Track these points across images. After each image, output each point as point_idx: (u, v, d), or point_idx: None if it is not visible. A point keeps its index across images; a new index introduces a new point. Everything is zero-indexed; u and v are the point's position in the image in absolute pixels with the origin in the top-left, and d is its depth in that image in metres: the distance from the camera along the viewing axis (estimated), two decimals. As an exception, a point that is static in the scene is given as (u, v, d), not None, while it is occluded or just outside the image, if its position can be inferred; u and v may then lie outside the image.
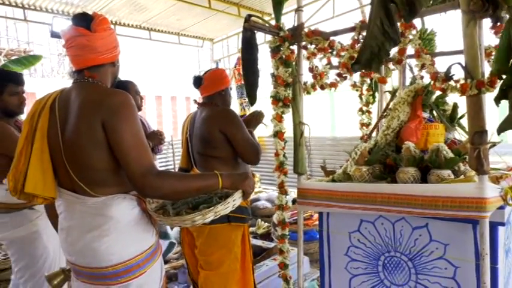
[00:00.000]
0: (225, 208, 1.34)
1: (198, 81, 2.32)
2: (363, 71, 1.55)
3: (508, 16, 1.23)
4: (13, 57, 9.12)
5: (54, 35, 5.17)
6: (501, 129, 1.28)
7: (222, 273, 2.13)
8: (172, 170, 6.81)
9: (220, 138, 2.15)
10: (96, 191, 1.32)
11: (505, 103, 1.25)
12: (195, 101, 2.42)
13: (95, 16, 1.37)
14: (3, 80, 2.23)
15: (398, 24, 1.56)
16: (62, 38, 1.40)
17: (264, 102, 2.26)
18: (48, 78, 14.74)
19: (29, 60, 5.40)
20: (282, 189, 1.97)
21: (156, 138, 2.88)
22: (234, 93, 6.18)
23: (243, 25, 1.85)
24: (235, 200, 1.37)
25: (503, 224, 1.40)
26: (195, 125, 2.32)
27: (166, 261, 3.49)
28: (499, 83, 1.27)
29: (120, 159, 1.26)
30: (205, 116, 2.23)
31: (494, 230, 1.39)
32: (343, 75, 1.81)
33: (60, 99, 1.37)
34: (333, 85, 1.83)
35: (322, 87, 1.84)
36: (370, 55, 1.32)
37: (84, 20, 1.35)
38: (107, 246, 1.31)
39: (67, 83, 1.43)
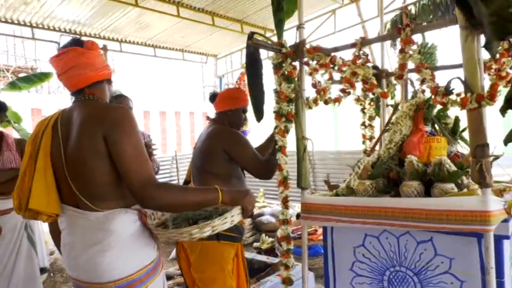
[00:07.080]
0: (223, 223, 1.32)
1: (212, 97, 2.42)
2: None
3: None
4: (20, 75, 9.26)
5: (61, 53, 5.26)
6: (508, 140, 1.27)
7: None
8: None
9: (222, 156, 2.15)
10: (98, 206, 1.33)
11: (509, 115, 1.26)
12: (207, 117, 2.45)
13: (84, 40, 1.44)
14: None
15: (398, 39, 1.59)
16: (54, 67, 1.42)
17: (267, 118, 2.27)
18: (54, 94, 14.90)
19: (39, 77, 5.49)
20: (285, 204, 1.97)
21: None
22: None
23: (246, 42, 1.88)
24: (234, 216, 1.35)
25: (508, 237, 1.39)
26: (199, 139, 2.34)
27: (169, 278, 3.46)
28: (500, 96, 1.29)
29: (121, 171, 1.28)
30: (210, 133, 2.25)
31: (499, 243, 1.38)
32: (347, 91, 1.82)
33: (62, 118, 1.41)
34: (337, 100, 1.83)
35: (326, 102, 1.85)
36: None
37: (77, 42, 1.42)
38: (109, 261, 1.31)
39: (72, 99, 1.46)
